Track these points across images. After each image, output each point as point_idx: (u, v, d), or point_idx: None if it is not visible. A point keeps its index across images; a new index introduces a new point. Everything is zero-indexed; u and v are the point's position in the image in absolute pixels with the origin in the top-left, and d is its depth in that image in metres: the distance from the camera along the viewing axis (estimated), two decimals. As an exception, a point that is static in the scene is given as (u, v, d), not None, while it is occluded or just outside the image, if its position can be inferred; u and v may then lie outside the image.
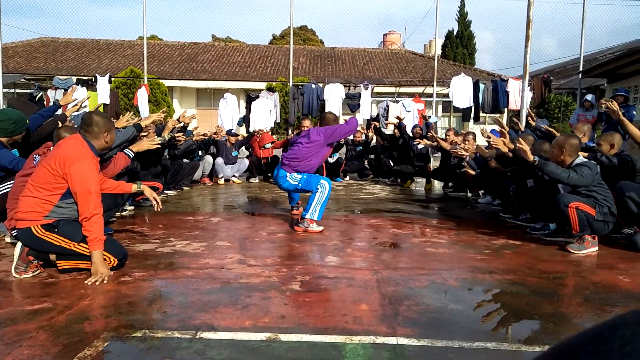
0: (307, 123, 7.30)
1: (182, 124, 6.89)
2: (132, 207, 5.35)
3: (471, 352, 1.97)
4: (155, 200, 3.48)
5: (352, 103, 11.69)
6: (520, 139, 4.01)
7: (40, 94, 9.56)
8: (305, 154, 4.33)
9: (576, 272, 3.22)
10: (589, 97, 8.78)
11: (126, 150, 4.06)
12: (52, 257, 2.94)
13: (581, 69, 10.82)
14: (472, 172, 5.10)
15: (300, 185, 4.33)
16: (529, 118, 6.70)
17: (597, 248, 3.74)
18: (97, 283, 2.74)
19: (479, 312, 2.47)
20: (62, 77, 11.54)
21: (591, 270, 3.29)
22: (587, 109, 8.65)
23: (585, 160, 3.83)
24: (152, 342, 2.02)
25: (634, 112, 7.49)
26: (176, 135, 6.44)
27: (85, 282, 2.75)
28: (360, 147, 9.17)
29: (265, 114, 10.91)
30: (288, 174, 4.35)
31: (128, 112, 4.57)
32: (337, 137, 4.44)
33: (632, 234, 4.06)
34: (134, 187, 3.54)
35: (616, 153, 4.44)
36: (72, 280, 2.82)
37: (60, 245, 2.88)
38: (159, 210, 3.58)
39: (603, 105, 4.53)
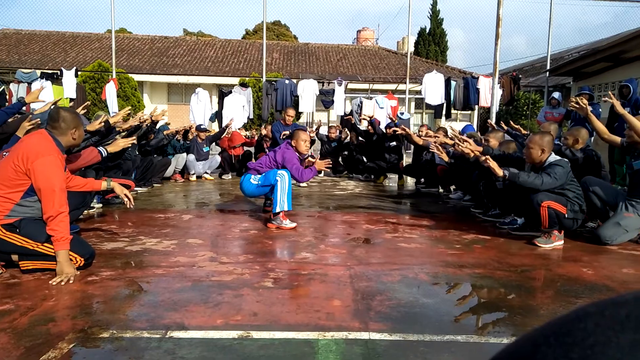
0: (291, 112, 7.25)
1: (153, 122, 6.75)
2: (100, 205, 5.21)
3: (442, 346, 2.00)
4: (127, 197, 3.39)
5: (325, 99, 11.69)
6: (488, 157, 3.96)
7: (2, 87, 9.19)
8: (271, 166, 4.51)
9: (543, 265, 3.31)
10: (556, 94, 9.02)
11: (100, 148, 3.93)
12: (15, 257, 2.83)
13: (548, 67, 11.11)
14: (447, 158, 5.18)
15: (260, 182, 4.46)
16: (489, 124, 6.85)
17: (562, 242, 3.85)
18: (62, 283, 2.65)
19: (449, 305, 2.51)
20: (25, 71, 11.11)
21: (557, 263, 3.38)
22: (554, 107, 8.89)
23: (558, 158, 3.87)
24: (120, 342, 1.97)
25: (600, 110, 7.74)
26: (143, 123, 6.30)
27: (50, 282, 2.66)
28: (335, 143, 9.19)
29: (238, 109, 10.79)
30: (252, 176, 4.53)
31: (102, 117, 4.41)
32: (289, 170, 4.45)
33: (595, 228, 4.21)
34: (103, 185, 3.44)
35: (581, 148, 4.58)
36: (36, 281, 2.73)
37: (23, 245, 2.77)
38: (131, 207, 3.49)
39: (572, 103, 4.65)
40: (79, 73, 12.13)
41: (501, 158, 4.42)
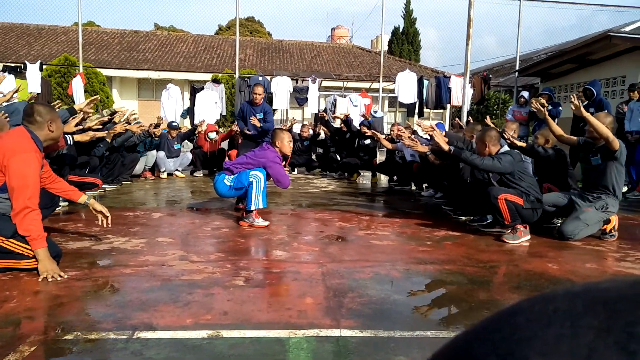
0: (259, 90, 6.85)
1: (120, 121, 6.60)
2: (66, 203, 5.05)
3: (411, 341, 2.02)
4: (103, 214, 3.34)
5: (299, 97, 11.66)
6: (436, 131, 4.26)
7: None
8: (247, 164, 4.33)
9: (510, 261, 3.39)
10: (525, 93, 9.25)
11: (67, 135, 3.82)
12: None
13: (517, 67, 11.38)
14: (421, 148, 5.21)
15: (232, 184, 4.29)
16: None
17: (529, 237, 3.96)
18: (49, 279, 2.61)
19: (419, 301, 2.54)
20: (-14, 63, 10.68)
21: (523, 258, 3.47)
22: (522, 105, 9.11)
23: (509, 150, 4.09)
24: (84, 344, 1.91)
25: (560, 109, 7.98)
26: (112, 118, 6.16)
27: (38, 280, 2.60)
28: (308, 142, 9.19)
29: (211, 106, 10.65)
30: (226, 177, 4.35)
31: (90, 99, 4.24)
32: (270, 174, 4.33)
33: (560, 224, 4.33)
34: (82, 199, 3.36)
35: (552, 147, 4.73)
36: (-4, 282, 2.62)
37: (-15, 242, 2.66)
38: (107, 226, 3.42)
39: (532, 105, 4.80)
40: (44, 67, 11.73)
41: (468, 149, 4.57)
